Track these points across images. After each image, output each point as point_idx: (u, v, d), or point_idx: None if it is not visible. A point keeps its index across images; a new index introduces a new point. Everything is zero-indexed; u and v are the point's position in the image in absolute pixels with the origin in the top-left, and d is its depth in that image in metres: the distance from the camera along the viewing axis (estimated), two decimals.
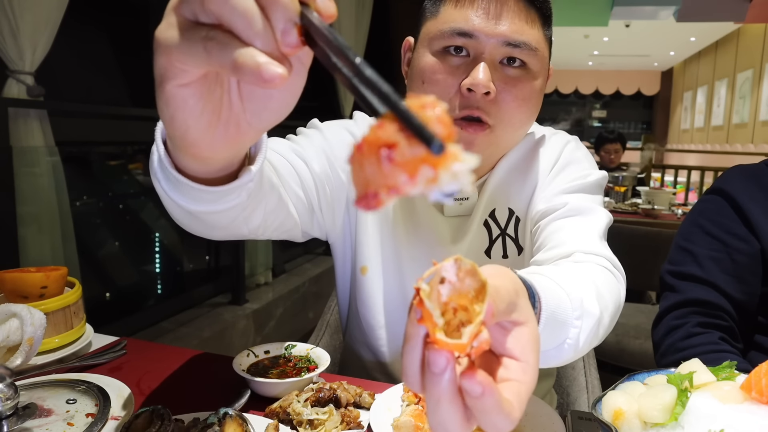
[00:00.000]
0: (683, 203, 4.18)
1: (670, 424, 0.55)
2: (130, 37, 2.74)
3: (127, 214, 2.76)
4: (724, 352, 0.90)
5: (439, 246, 0.94)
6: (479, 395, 0.32)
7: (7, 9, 1.59)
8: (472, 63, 0.81)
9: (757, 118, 8.20)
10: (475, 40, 0.80)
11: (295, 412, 0.72)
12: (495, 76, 0.81)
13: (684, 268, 1.00)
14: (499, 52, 0.81)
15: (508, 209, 0.95)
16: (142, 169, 2.94)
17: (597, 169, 0.95)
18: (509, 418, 0.33)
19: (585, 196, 0.88)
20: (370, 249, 0.97)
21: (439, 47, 0.83)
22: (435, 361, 0.31)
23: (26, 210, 1.74)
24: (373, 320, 0.98)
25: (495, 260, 0.95)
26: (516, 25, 0.81)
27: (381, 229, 0.97)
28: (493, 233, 0.95)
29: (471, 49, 0.81)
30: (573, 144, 0.97)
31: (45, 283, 0.92)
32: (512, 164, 0.95)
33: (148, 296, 2.80)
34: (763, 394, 0.56)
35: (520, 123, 0.86)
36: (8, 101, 1.67)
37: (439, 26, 0.82)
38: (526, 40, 0.81)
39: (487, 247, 0.95)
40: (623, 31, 9.17)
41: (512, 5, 0.81)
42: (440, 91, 0.82)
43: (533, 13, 0.83)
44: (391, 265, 0.97)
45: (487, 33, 0.80)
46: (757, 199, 0.99)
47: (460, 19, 0.81)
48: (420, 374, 0.33)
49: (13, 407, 0.67)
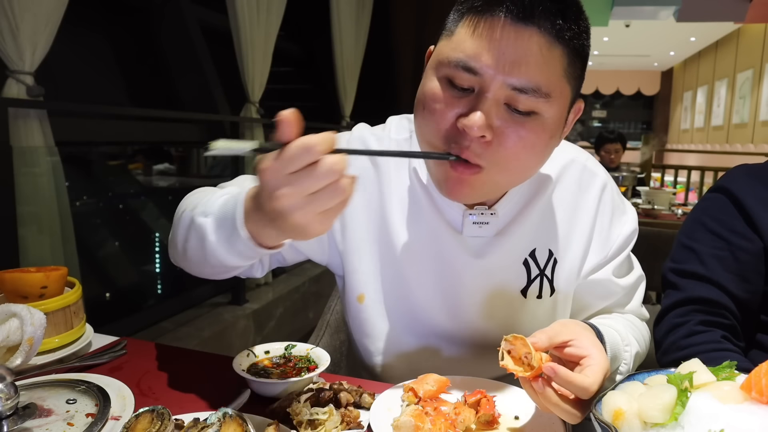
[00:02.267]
0: (683, 203, 4.18)
1: (670, 424, 0.55)
2: (130, 37, 2.74)
3: (127, 214, 2.77)
4: (726, 350, 0.90)
5: (461, 264, 0.92)
6: (542, 390, 0.66)
7: (7, 9, 1.59)
8: (474, 99, 0.73)
9: (757, 118, 8.20)
10: (480, 78, 0.72)
11: (295, 412, 0.72)
12: (498, 115, 0.73)
13: (686, 266, 1.00)
14: (505, 94, 0.72)
15: (548, 250, 0.94)
16: (142, 169, 2.95)
17: (630, 209, 1.02)
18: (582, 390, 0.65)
19: (632, 274, 1.02)
20: (367, 276, 0.95)
21: (443, 75, 0.76)
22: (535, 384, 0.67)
23: (26, 210, 1.74)
24: (372, 347, 0.99)
25: (530, 299, 0.95)
26: (529, 68, 0.71)
27: (380, 255, 0.95)
28: (532, 273, 0.94)
29: (476, 85, 0.73)
30: (610, 187, 0.99)
31: (45, 283, 0.92)
32: (553, 199, 0.95)
33: (148, 296, 2.80)
34: (763, 394, 0.56)
35: (521, 169, 0.79)
36: (8, 101, 1.67)
37: (449, 52, 0.75)
38: (536, 86, 0.71)
39: (524, 287, 0.94)
40: (623, 31, 9.17)
41: (530, 42, 0.70)
42: (436, 122, 0.76)
43: (557, 49, 0.72)
44: (394, 291, 0.95)
45: (494, 72, 0.71)
46: (761, 198, 0.98)
47: (469, 50, 0.72)
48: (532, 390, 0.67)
49: (13, 407, 0.67)
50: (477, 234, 0.91)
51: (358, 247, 0.95)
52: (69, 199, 1.86)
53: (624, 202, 1.02)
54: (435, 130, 0.76)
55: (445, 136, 0.76)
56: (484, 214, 0.89)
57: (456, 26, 0.76)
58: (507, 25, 0.71)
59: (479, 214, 0.89)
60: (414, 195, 0.94)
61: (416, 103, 0.81)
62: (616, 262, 0.98)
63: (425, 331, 0.96)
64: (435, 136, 0.77)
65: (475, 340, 0.96)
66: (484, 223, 0.90)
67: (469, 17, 0.74)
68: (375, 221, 0.95)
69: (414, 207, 0.94)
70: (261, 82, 2.97)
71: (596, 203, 0.96)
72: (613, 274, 0.98)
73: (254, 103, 2.96)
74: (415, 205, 0.94)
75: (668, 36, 9.99)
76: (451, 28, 0.77)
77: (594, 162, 1.00)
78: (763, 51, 8.25)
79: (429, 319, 0.95)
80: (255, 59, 2.87)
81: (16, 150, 1.70)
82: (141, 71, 2.82)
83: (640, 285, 1.03)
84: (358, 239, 0.95)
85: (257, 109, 2.99)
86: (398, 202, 0.94)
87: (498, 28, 0.71)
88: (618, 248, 0.98)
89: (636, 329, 0.98)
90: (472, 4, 0.74)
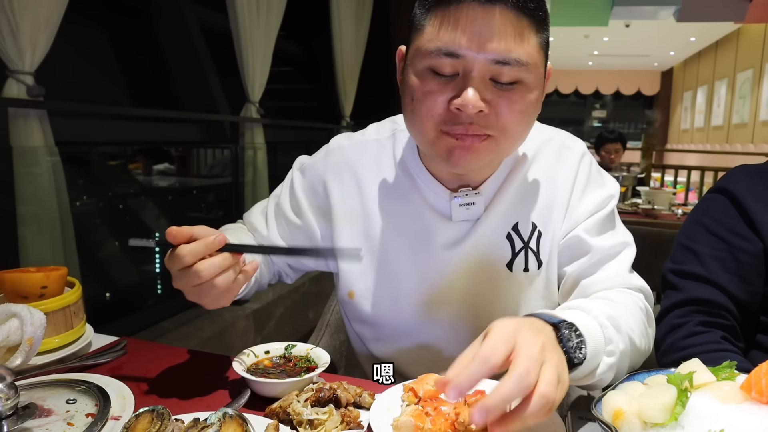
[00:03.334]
0: (683, 203, 4.18)
1: (670, 424, 0.55)
2: (130, 37, 2.74)
3: (127, 214, 2.77)
4: (725, 351, 0.90)
5: (447, 249, 0.94)
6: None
7: (7, 9, 1.59)
8: (461, 81, 0.77)
9: (757, 118, 8.20)
10: (463, 59, 0.76)
11: (295, 412, 0.72)
12: (486, 91, 0.77)
13: (686, 267, 1.00)
14: (489, 70, 0.76)
15: (532, 223, 0.95)
16: (142, 169, 2.95)
17: (609, 180, 0.99)
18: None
19: (608, 231, 0.95)
20: (356, 274, 0.99)
21: (426, 66, 0.79)
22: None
23: (26, 210, 1.74)
24: (363, 336, 1.05)
25: (516, 273, 0.95)
26: (505, 42, 0.75)
27: (368, 252, 0.98)
28: (516, 246, 0.94)
29: (459, 68, 0.77)
30: (587, 158, 0.98)
31: (45, 283, 0.92)
32: (531, 175, 0.96)
33: (148, 296, 2.80)
34: (763, 394, 0.56)
35: (519, 133, 0.84)
36: (8, 101, 1.67)
37: (425, 44, 0.78)
38: (517, 57, 0.76)
39: (509, 260, 0.94)
40: (623, 31, 9.17)
41: (500, 18, 0.75)
42: (429, 108, 0.79)
43: (524, 20, 0.77)
44: (382, 285, 0.98)
45: (474, 52, 0.75)
46: (761, 199, 0.98)
47: (445, 38, 0.76)
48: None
49: (13, 407, 0.67)
50: (465, 217, 0.93)
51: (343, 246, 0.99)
52: (69, 199, 1.86)
53: (603, 175, 0.99)
54: (428, 118, 0.80)
55: (439, 122, 0.80)
56: (468, 195, 0.92)
57: (425, 21, 0.79)
58: (475, 7, 0.75)
59: (464, 195, 0.92)
60: (399, 188, 0.97)
61: (403, 99, 0.84)
62: (588, 222, 0.94)
63: (415, 319, 0.98)
64: (429, 124, 0.80)
65: (467, 320, 0.97)
66: (470, 204, 0.92)
67: (438, 10, 0.78)
68: (360, 222, 0.98)
69: (399, 200, 0.96)
70: (261, 82, 2.97)
71: (574, 173, 0.96)
72: (584, 231, 0.93)
73: (254, 103, 2.96)
74: (401, 198, 0.96)
75: (668, 36, 9.99)
76: (421, 23, 0.80)
77: (572, 139, 1.00)
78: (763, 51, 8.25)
79: (417, 307, 0.97)
80: (255, 59, 2.87)
81: (16, 150, 1.70)
82: (141, 71, 2.81)
83: (625, 250, 0.94)
84: (345, 241, 0.99)
85: (257, 109, 2.99)
86: (383, 199, 0.98)
87: (468, 12, 0.75)
88: (590, 210, 0.94)
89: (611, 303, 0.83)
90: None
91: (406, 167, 0.97)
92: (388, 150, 1.00)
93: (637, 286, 0.92)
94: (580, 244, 0.93)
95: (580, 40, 10.24)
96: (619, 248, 0.94)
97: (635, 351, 0.81)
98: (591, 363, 0.70)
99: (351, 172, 1.00)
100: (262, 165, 3.08)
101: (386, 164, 0.99)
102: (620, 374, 0.76)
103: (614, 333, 0.75)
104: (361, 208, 0.98)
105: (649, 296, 0.94)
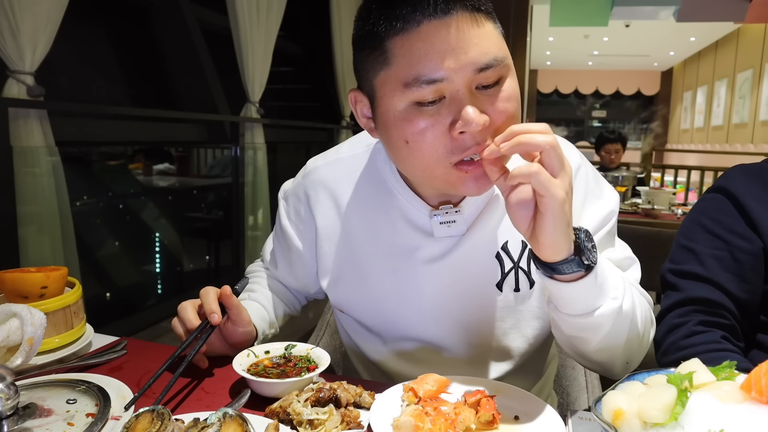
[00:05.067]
0: (683, 203, 4.18)
1: (670, 424, 0.55)
2: (131, 37, 2.74)
3: (127, 214, 2.77)
4: (725, 350, 0.90)
5: (429, 264, 0.92)
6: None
7: (7, 9, 1.59)
8: (451, 103, 0.72)
9: (757, 118, 8.20)
10: (446, 81, 0.71)
11: (295, 412, 0.72)
12: (479, 100, 0.73)
13: (686, 267, 1.00)
14: (473, 80, 0.72)
15: (522, 242, 0.91)
16: (142, 169, 2.95)
17: (608, 191, 0.96)
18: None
19: (613, 251, 0.93)
20: (344, 295, 1.00)
21: (408, 102, 0.73)
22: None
23: (26, 210, 1.74)
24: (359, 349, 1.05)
25: (506, 293, 0.92)
26: (477, 47, 0.71)
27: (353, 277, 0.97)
28: (506, 266, 0.91)
29: (445, 92, 0.72)
30: (583, 171, 0.94)
31: (45, 283, 0.92)
32: None
33: (148, 296, 2.80)
34: (763, 394, 0.56)
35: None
36: (8, 101, 1.67)
37: (400, 78, 0.72)
38: (494, 56, 0.72)
39: (498, 281, 0.92)
40: (623, 31, 9.17)
41: (462, 25, 0.71)
42: (431, 146, 0.74)
43: (481, 17, 0.73)
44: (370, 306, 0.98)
45: (454, 69, 0.71)
46: (760, 198, 0.98)
47: (419, 66, 0.71)
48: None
49: (13, 407, 0.67)
50: (447, 234, 0.90)
51: (330, 273, 1.00)
52: (69, 199, 1.86)
53: (601, 186, 0.96)
54: (433, 156, 0.75)
55: (445, 155, 0.74)
56: (449, 212, 0.89)
57: (386, 54, 0.74)
58: (435, 23, 0.71)
59: (444, 213, 0.89)
60: (378, 205, 0.94)
61: (391, 143, 0.78)
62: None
63: (404, 335, 0.97)
64: (434, 162, 0.75)
65: (457, 338, 0.95)
66: (451, 222, 0.89)
67: (396, 39, 0.72)
68: (341, 240, 0.98)
69: (379, 217, 0.94)
70: (261, 82, 2.97)
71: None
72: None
73: (254, 103, 2.96)
74: (381, 214, 0.94)
75: (668, 36, 9.99)
76: (381, 58, 0.74)
77: (568, 149, 0.95)
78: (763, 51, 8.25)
79: (404, 324, 0.96)
80: (255, 59, 2.87)
81: (16, 150, 1.70)
82: (141, 71, 2.82)
83: (632, 266, 0.94)
84: (328, 259, 0.99)
85: (257, 109, 2.99)
86: (362, 216, 0.96)
87: (430, 30, 0.71)
88: (592, 229, 0.90)
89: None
90: (392, 30, 0.72)
91: (385, 183, 0.93)
92: (364, 166, 0.97)
93: (646, 296, 0.92)
94: None
95: (580, 40, 10.24)
96: (628, 263, 0.93)
97: (634, 329, 0.80)
98: (596, 291, 0.73)
99: (328, 191, 0.98)
100: (262, 165, 3.08)
101: (363, 181, 0.96)
102: (614, 339, 0.78)
103: (622, 287, 0.77)
104: (341, 226, 0.97)
105: (652, 307, 0.94)
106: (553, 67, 13.44)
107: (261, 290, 1.08)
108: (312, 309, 1.22)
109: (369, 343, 1.02)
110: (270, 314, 1.05)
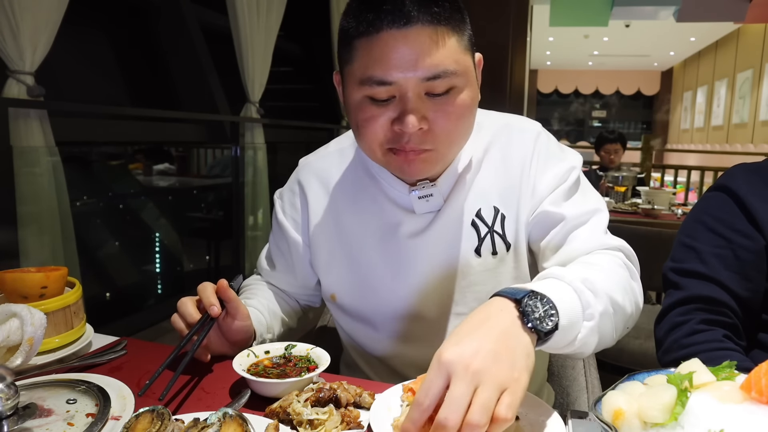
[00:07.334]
0: (683, 203, 4.18)
1: (670, 424, 0.55)
2: (130, 37, 2.74)
3: (127, 214, 2.77)
4: (727, 349, 0.90)
5: (412, 238, 0.97)
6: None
7: (7, 9, 1.59)
8: (399, 103, 0.81)
9: (757, 118, 8.21)
10: (396, 85, 0.80)
11: (295, 412, 0.72)
12: (423, 107, 0.81)
13: (687, 265, 1.00)
14: (422, 87, 0.80)
15: (493, 207, 0.97)
16: (142, 169, 2.94)
17: (570, 153, 0.99)
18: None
19: (576, 199, 0.95)
20: (335, 278, 1.05)
21: (362, 95, 0.83)
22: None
23: (26, 210, 1.74)
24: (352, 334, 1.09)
25: (485, 257, 0.97)
26: (430, 58, 0.78)
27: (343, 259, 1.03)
28: (482, 231, 0.97)
29: (395, 92, 0.81)
30: (544, 136, 0.99)
31: (45, 283, 0.92)
32: (487, 161, 0.98)
33: (148, 296, 2.80)
34: (763, 394, 0.56)
35: (460, 136, 0.88)
36: (8, 101, 1.67)
37: (357, 75, 0.82)
38: (444, 68, 0.79)
39: (476, 246, 0.97)
40: (623, 31, 9.18)
41: (419, 37, 0.78)
42: (373, 132, 0.84)
43: (442, 29, 0.79)
44: (359, 287, 1.02)
45: (404, 76, 0.79)
46: (761, 196, 0.98)
47: (374, 68, 0.79)
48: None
49: (13, 407, 0.67)
50: (427, 209, 0.96)
51: (323, 257, 1.05)
52: (69, 199, 1.86)
53: (563, 150, 1.00)
54: (374, 141, 0.85)
55: (384, 142, 0.85)
56: (426, 187, 0.94)
57: (351, 53, 0.83)
58: (395, 34, 0.78)
59: (421, 188, 0.94)
60: (364, 189, 1.02)
61: (351, 125, 0.90)
62: (553, 196, 0.94)
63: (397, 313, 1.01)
64: (376, 146, 0.86)
65: (447, 309, 0.99)
66: (429, 196, 0.95)
67: (359, 42, 0.81)
68: (331, 225, 1.04)
69: (365, 200, 1.01)
70: (261, 82, 2.97)
71: (530, 152, 0.97)
72: (550, 204, 0.94)
73: (254, 103, 2.96)
74: (366, 198, 1.01)
75: (668, 36, 10.00)
76: (347, 55, 0.84)
77: (527, 121, 1.02)
78: (763, 51, 8.25)
79: (396, 301, 1.00)
80: (255, 59, 2.87)
81: (16, 150, 1.70)
82: (141, 71, 2.81)
83: (596, 215, 0.93)
84: (321, 245, 1.05)
85: (257, 109, 2.99)
86: (350, 201, 1.03)
87: (388, 39, 0.78)
88: (553, 185, 0.95)
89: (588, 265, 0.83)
90: (358, 31, 0.81)
91: (368, 169, 1.01)
92: (351, 157, 1.06)
93: (614, 245, 0.90)
94: (549, 216, 0.94)
95: (580, 40, 10.25)
96: (589, 215, 0.93)
97: (619, 310, 0.79)
98: (570, 330, 0.70)
99: (319, 179, 1.06)
100: (262, 165, 3.08)
101: (350, 169, 1.05)
102: (605, 336, 0.77)
103: (591, 296, 0.73)
104: (332, 212, 1.04)
105: (630, 254, 0.92)
106: (553, 67, 13.44)
107: (258, 298, 1.09)
108: (312, 309, 1.22)
109: (362, 331, 1.05)
110: (267, 319, 1.06)
